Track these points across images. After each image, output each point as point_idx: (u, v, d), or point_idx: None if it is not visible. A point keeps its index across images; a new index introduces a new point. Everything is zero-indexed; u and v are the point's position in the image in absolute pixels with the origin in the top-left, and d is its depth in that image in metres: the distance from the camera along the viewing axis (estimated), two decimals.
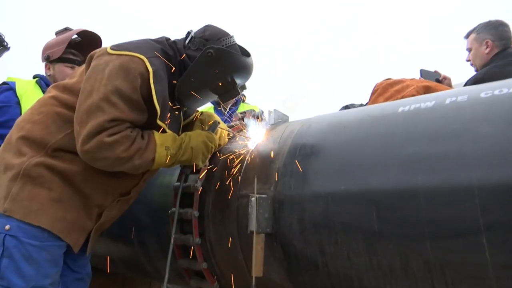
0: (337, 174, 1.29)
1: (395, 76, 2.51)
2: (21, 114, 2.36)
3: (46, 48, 2.62)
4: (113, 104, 1.42)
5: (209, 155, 1.68)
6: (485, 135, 1.05)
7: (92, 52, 1.59)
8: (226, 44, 1.61)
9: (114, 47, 1.51)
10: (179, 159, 1.60)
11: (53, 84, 1.73)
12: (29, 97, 2.43)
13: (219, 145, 1.79)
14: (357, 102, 2.60)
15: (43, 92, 2.52)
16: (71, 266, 1.70)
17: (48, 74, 2.63)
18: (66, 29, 2.69)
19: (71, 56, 2.61)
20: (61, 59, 2.57)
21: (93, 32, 2.71)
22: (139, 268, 2.22)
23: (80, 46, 2.69)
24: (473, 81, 2.35)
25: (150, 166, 1.56)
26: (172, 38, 1.75)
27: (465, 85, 2.34)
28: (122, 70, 1.44)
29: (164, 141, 1.55)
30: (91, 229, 1.66)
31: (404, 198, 1.12)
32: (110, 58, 1.48)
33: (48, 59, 2.59)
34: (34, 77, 2.64)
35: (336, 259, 1.27)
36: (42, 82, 2.57)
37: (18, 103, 2.41)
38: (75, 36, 2.67)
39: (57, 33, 2.71)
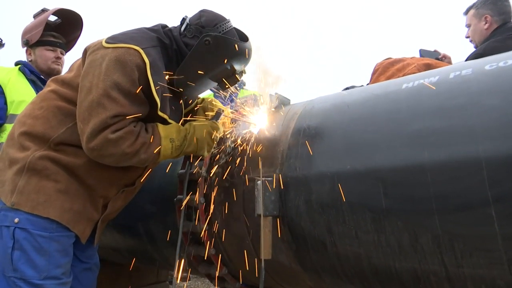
0: (343, 153, 1.28)
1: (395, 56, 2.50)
2: (5, 103, 2.30)
3: (25, 33, 2.53)
4: (113, 100, 1.41)
5: (214, 145, 1.67)
6: (491, 107, 1.04)
7: (87, 46, 1.56)
8: (223, 30, 1.58)
9: (109, 40, 1.48)
10: (185, 151, 1.60)
11: (52, 78, 1.71)
12: (14, 85, 2.35)
13: (223, 131, 1.78)
14: (358, 84, 2.58)
15: (28, 79, 2.45)
16: (79, 256, 1.71)
17: (30, 59, 2.55)
18: (44, 10, 2.59)
19: (52, 39, 2.52)
20: (40, 43, 2.48)
21: (72, 11, 2.60)
22: (146, 257, 2.23)
23: (60, 28, 2.59)
24: (473, 57, 2.33)
25: (156, 159, 1.56)
26: (168, 25, 1.72)
27: (466, 60, 2.33)
28: (118, 64, 1.42)
29: (168, 133, 1.54)
30: (98, 220, 1.66)
31: (411, 174, 1.12)
32: (105, 51, 1.45)
33: (28, 44, 2.50)
34: (16, 63, 2.56)
35: (344, 239, 1.27)
36: (26, 69, 2.48)
37: (2, 93, 2.33)
38: (55, 18, 2.58)
39: (35, 16, 2.60)
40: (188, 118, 1.76)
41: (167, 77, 1.56)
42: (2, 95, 2.35)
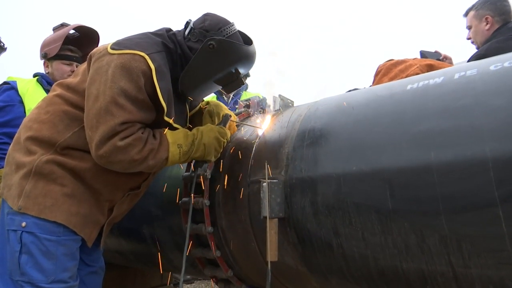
0: (348, 154, 1.28)
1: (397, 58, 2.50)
2: (24, 112, 2.36)
3: (44, 46, 2.61)
4: (121, 106, 1.42)
5: (221, 150, 1.68)
6: (497, 107, 1.04)
7: (92, 52, 1.57)
8: (227, 34, 1.58)
9: (114, 46, 1.49)
10: (192, 156, 1.60)
11: (57, 82, 1.71)
12: (32, 95, 2.43)
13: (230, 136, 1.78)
14: (360, 87, 2.58)
15: (45, 90, 2.51)
16: (85, 260, 1.72)
17: (47, 71, 2.63)
18: (63, 25, 2.68)
19: (69, 53, 2.60)
20: (58, 56, 2.56)
21: (90, 28, 2.69)
22: (151, 260, 2.23)
23: (78, 42, 2.67)
24: (475, 58, 2.32)
25: (164, 165, 1.56)
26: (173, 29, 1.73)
27: (468, 62, 2.33)
28: (124, 70, 1.43)
29: (176, 139, 1.55)
30: (103, 223, 1.67)
31: (417, 175, 1.12)
32: (111, 58, 1.46)
33: (46, 57, 2.57)
34: (35, 75, 2.63)
35: (350, 240, 1.27)
36: (43, 80, 2.56)
37: (21, 102, 2.41)
38: (73, 31, 2.65)
39: (54, 29, 2.69)
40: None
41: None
42: (21, 104, 2.42)
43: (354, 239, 1.26)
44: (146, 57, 1.45)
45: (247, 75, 1.73)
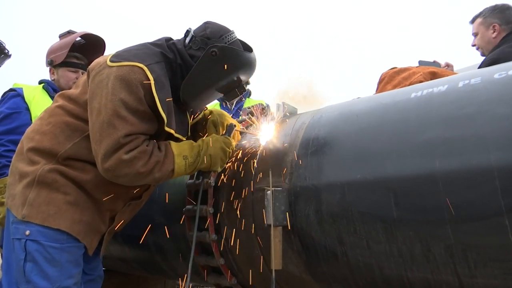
0: (353, 163, 1.28)
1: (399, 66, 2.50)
2: (30, 120, 2.37)
3: (50, 52, 2.62)
4: (123, 119, 1.42)
5: (227, 160, 1.67)
6: (501, 116, 1.04)
7: (90, 66, 1.57)
8: (228, 41, 1.58)
9: (113, 59, 1.49)
10: (198, 167, 1.60)
11: (59, 93, 1.72)
12: (38, 102, 2.44)
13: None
14: (364, 95, 2.57)
15: (51, 97, 2.52)
16: (84, 268, 1.70)
17: (52, 78, 2.64)
18: (70, 32, 2.69)
19: (75, 60, 2.61)
20: (64, 64, 2.57)
21: (97, 35, 2.71)
22: (154, 267, 2.23)
23: (84, 49, 2.69)
24: (488, 62, 2.32)
25: (170, 177, 1.56)
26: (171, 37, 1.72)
27: (479, 67, 2.33)
28: (124, 82, 1.43)
29: (181, 151, 1.55)
30: (104, 232, 1.67)
31: (422, 184, 1.12)
32: (110, 71, 1.46)
33: (52, 64, 2.59)
34: (40, 82, 2.64)
35: (355, 248, 1.27)
36: (49, 87, 2.57)
37: (27, 109, 2.42)
38: (79, 38, 2.67)
39: (61, 36, 2.70)
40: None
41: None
42: (28, 111, 2.43)
43: (359, 247, 1.26)
44: (145, 68, 1.46)
45: (247, 83, 1.73)
